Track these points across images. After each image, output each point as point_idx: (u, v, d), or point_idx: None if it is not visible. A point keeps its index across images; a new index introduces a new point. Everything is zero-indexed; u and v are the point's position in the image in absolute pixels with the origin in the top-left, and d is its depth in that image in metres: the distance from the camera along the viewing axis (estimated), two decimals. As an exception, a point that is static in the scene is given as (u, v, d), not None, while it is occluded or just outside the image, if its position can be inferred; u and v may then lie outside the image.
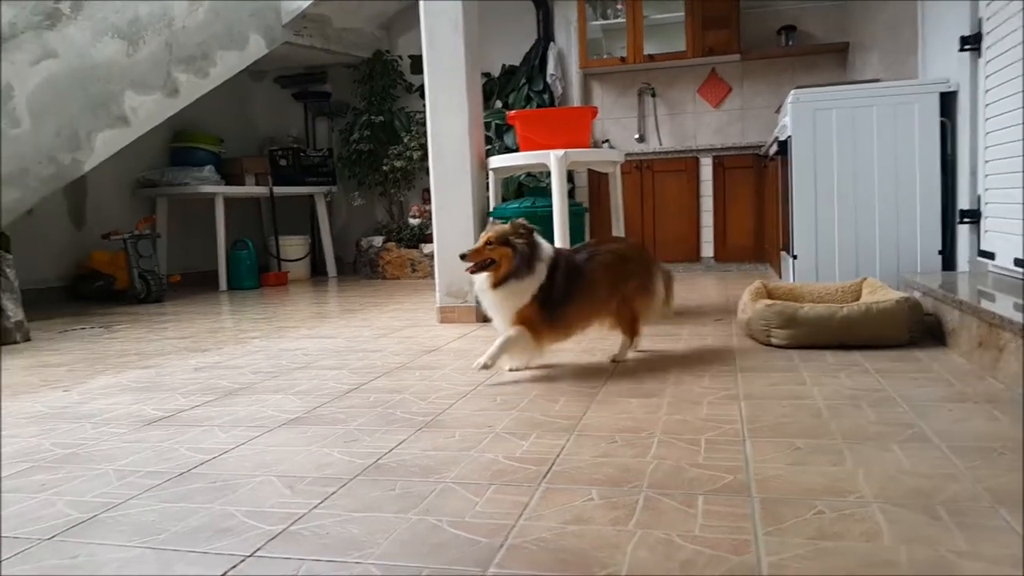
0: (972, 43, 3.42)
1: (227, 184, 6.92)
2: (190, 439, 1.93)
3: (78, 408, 2.35)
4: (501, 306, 2.55)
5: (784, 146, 4.28)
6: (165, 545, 1.27)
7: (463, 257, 2.51)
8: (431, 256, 6.96)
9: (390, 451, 1.75)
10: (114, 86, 5.30)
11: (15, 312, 3.91)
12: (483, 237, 2.56)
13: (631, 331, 2.79)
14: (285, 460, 1.72)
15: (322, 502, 1.44)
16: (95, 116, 5.20)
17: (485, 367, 2.47)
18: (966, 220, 3.58)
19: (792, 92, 4.03)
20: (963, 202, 3.62)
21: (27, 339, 3.94)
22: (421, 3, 3.95)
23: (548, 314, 2.53)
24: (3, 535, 1.36)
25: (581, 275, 2.62)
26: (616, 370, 2.60)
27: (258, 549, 1.24)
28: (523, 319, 2.52)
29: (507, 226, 2.56)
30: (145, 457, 1.79)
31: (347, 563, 1.18)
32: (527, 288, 2.51)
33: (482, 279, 2.56)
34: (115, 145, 5.36)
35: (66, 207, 6.06)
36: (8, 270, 3.96)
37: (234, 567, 1.18)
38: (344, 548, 1.23)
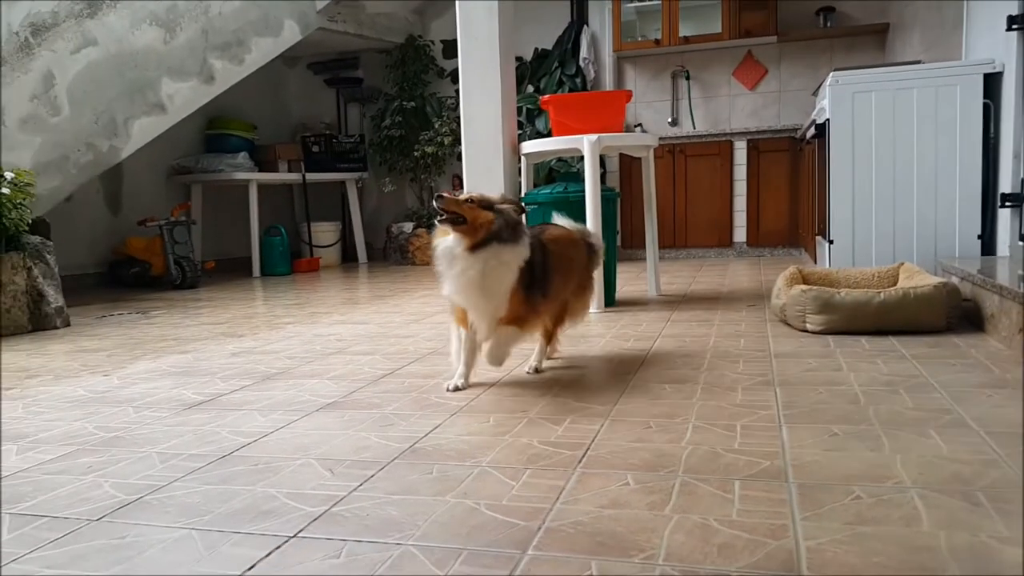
0: (1020, 22, 3.34)
1: (260, 171, 6.99)
2: (230, 423, 1.96)
3: (119, 392, 2.40)
4: (482, 282, 2.08)
5: (822, 129, 4.22)
6: (210, 526, 1.30)
7: (439, 198, 2.08)
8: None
9: (426, 435, 1.77)
10: (151, 73, 5.36)
11: (55, 298, 3.99)
12: (464, 195, 2.15)
13: (552, 335, 2.46)
14: (323, 443, 1.74)
15: (361, 485, 1.46)
16: (132, 103, 5.27)
17: (458, 388, 2.20)
18: (1008, 204, 3.52)
19: (831, 74, 3.98)
20: (1005, 185, 3.56)
21: (67, 324, 4.01)
22: (455, -13, 3.95)
23: (536, 299, 2.17)
24: (55, 515, 1.39)
25: (549, 258, 2.25)
26: (649, 356, 2.59)
27: (301, 530, 1.26)
28: (514, 311, 2.14)
29: (494, 195, 2.23)
30: (187, 440, 1.82)
31: (388, 544, 1.20)
32: (514, 259, 2.10)
33: (450, 242, 2.13)
34: (152, 132, 5.43)
35: (103, 194, 6.16)
36: (49, 256, 4.04)
37: (278, 547, 1.20)
38: (384, 529, 1.25)
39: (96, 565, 1.18)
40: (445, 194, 2.09)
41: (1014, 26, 3.38)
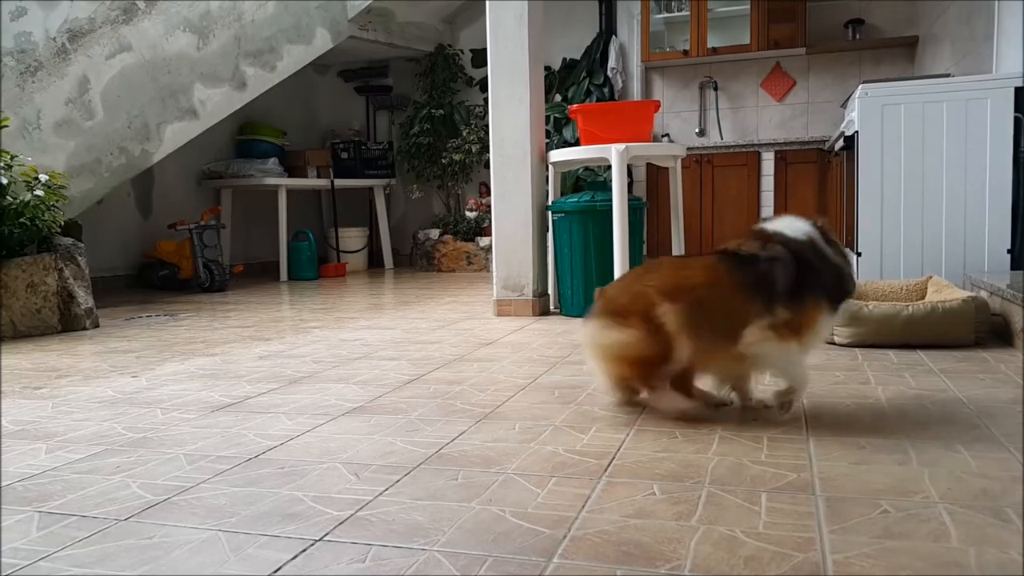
0: (1051, 36, 3.32)
1: (290, 176, 7.05)
2: (257, 425, 1.98)
3: (147, 394, 2.43)
4: None
5: (850, 141, 4.20)
6: (236, 528, 1.31)
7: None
8: (487, 249, 7.02)
9: (451, 441, 1.78)
10: (184, 79, 5.44)
11: (85, 299, 4.05)
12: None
13: None
14: (349, 448, 1.75)
15: (387, 489, 1.47)
16: (165, 108, 5.35)
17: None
18: (1039, 219, 3.47)
19: (860, 86, 3.95)
20: (1036, 200, 3.52)
21: (96, 325, 4.07)
22: (487, -5, 3.97)
23: None
24: (83, 514, 1.42)
25: None
26: (675, 366, 2.58)
27: (327, 533, 1.27)
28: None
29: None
30: (214, 442, 1.84)
31: (413, 549, 1.20)
32: None
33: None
34: (184, 137, 5.50)
35: (134, 197, 6.24)
36: (80, 258, 4.10)
37: (304, 550, 1.21)
38: (410, 534, 1.26)
39: (123, 565, 1.19)
40: None
41: (1048, 39, 3.35)
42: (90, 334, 3.85)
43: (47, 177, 3.91)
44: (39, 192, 3.81)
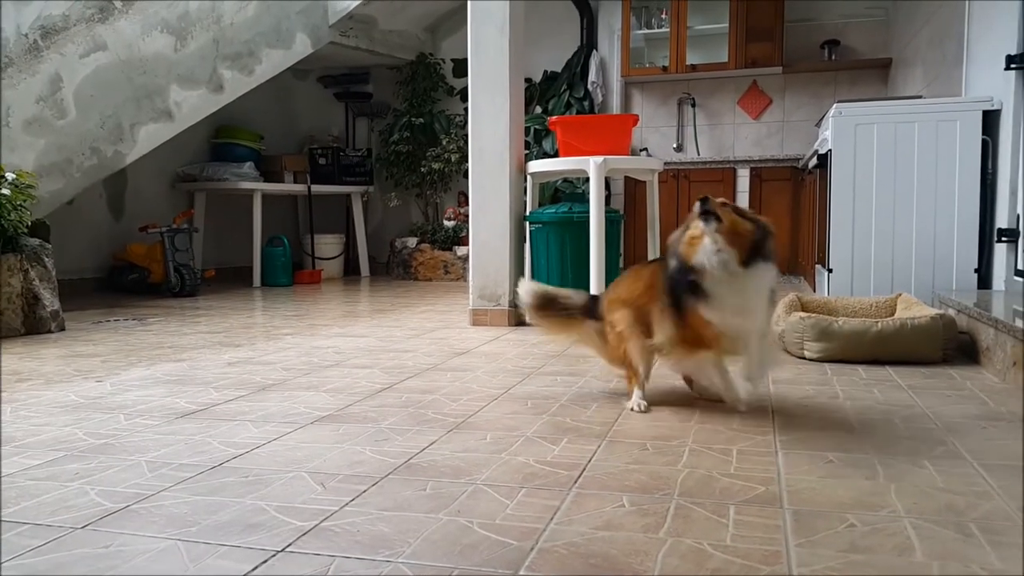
0: (1018, 62, 3.38)
1: (266, 181, 7.00)
2: (222, 433, 1.95)
3: (111, 399, 2.39)
4: (757, 296, 1.98)
5: (824, 159, 4.24)
6: (196, 538, 1.29)
7: (703, 201, 1.92)
8: (464, 259, 7.01)
9: (421, 451, 1.76)
10: (160, 80, 5.39)
11: (51, 301, 3.98)
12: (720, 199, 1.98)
13: None
14: (317, 457, 1.73)
15: (353, 500, 1.45)
16: (139, 109, 5.29)
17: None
18: (1004, 239, 3.53)
19: (834, 106, 4.00)
20: (1001, 221, 3.58)
21: (62, 329, 4.01)
22: (469, 5, 3.97)
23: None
24: (38, 522, 1.38)
25: None
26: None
27: (289, 544, 1.25)
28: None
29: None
30: (177, 450, 1.81)
31: (377, 561, 1.18)
32: (772, 278, 2.01)
33: (717, 256, 1.91)
34: (158, 138, 5.45)
35: (105, 198, 6.17)
36: (47, 259, 4.03)
37: (265, 561, 1.19)
38: (375, 546, 1.24)
39: (77, 574, 1.16)
40: (708, 198, 1.96)
41: (1012, 65, 3.41)
42: (55, 337, 3.79)
43: (14, 176, 3.85)
44: (5, 191, 3.74)
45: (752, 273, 1.93)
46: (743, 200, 6.43)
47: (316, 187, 7.31)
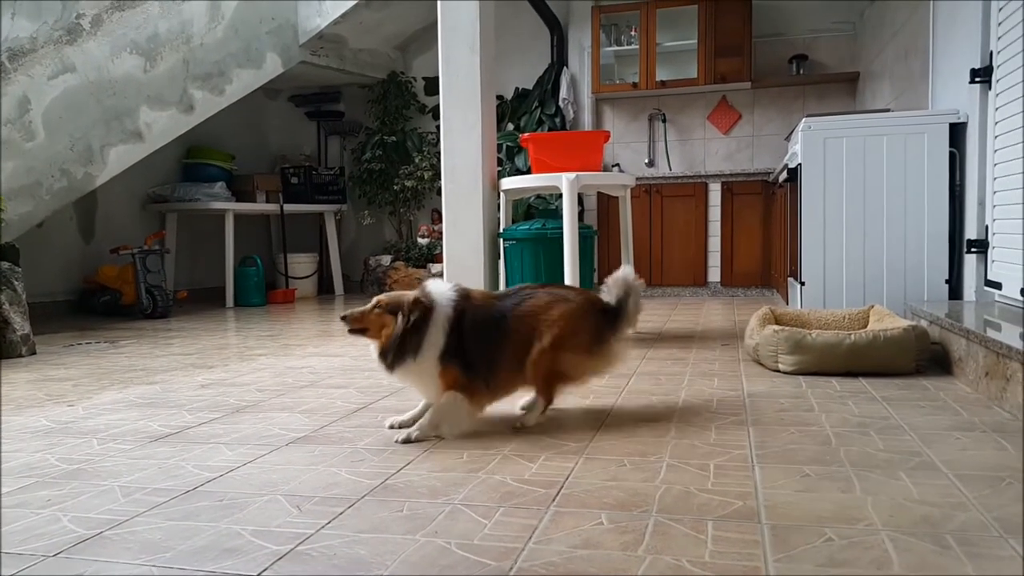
0: (982, 75, 3.44)
1: (238, 201, 6.95)
2: (196, 456, 1.93)
3: (83, 423, 2.35)
4: (416, 381, 2.11)
5: (794, 173, 4.29)
6: (171, 564, 1.27)
7: (343, 318, 2.10)
8: (439, 276, 6.99)
9: (398, 471, 1.75)
10: (130, 101, 5.35)
11: (22, 325, 3.92)
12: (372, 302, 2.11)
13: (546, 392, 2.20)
14: (292, 479, 1.71)
15: (330, 522, 1.44)
16: (109, 130, 5.25)
17: (409, 440, 2.02)
18: (973, 250, 3.58)
19: (803, 120, 4.05)
20: (971, 232, 3.63)
21: (32, 352, 3.95)
22: (439, 23, 3.98)
23: (475, 372, 2.07)
24: (6, 551, 1.35)
25: (502, 324, 2.13)
26: (624, 393, 2.59)
27: (265, 569, 1.24)
28: (450, 383, 2.05)
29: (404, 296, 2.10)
30: (151, 474, 1.78)
31: (355, 583, 1.17)
32: (426, 362, 2.03)
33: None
34: (128, 160, 5.40)
35: (76, 221, 6.09)
36: (16, 283, 3.98)
37: (242, 585, 1.18)
38: (352, 569, 1.23)
39: (53, 602, 1.14)
40: (347, 315, 2.10)
41: (976, 79, 3.47)
42: (26, 361, 3.73)
43: (-17, 199, 3.80)
44: (-26, 214, 3.69)
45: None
46: (715, 215, 6.49)
47: (289, 206, 7.27)
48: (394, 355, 2.03)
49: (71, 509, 1.55)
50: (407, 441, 2.01)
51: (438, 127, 6.84)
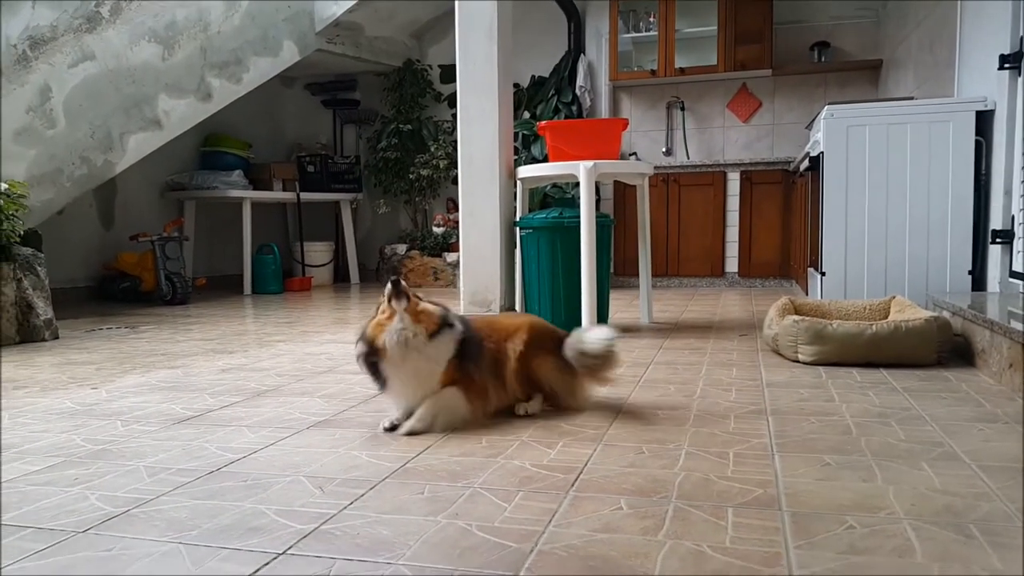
0: (1012, 62, 3.40)
1: (255, 189, 6.99)
2: (219, 438, 1.95)
3: (107, 405, 2.38)
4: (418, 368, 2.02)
5: (816, 162, 4.26)
6: (197, 541, 1.28)
7: (395, 282, 2.02)
8: (454, 265, 7.00)
9: (417, 455, 1.76)
10: (148, 89, 5.37)
11: (45, 310, 3.96)
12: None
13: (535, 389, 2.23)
14: (314, 461, 1.73)
15: (351, 503, 1.45)
16: (128, 118, 5.28)
17: (413, 432, 1.97)
18: (998, 240, 3.54)
19: (826, 108, 4.02)
20: (996, 222, 3.59)
21: (55, 337, 3.99)
22: (457, 10, 3.98)
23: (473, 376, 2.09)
24: (40, 526, 1.37)
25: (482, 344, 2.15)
26: (641, 382, 2.59)
27: (290, 547, 1.25)
28: (451, 378, 2.04)
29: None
30: (175, 455, 1.80)
31: (378, 563, 1.18)
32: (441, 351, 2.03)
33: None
34: (147, 147, 5.43)
35: (96, 208, 6.14)
36: (39, 268, 4.01)
37: (267, 564, 1.19)
38: (375, 549, 1.24)
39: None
40: (401, 282, 2.04)
41: (1006, 65, 3.43)
42: (49, 345, 3.77)
43: (7, 186, 3.83)
44: (-2, 200, 3.73)
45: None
46: (733, 204, 6.46)
47: (305, 195, 7.30)
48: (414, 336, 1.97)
49: (98, 488, 1.57)
50: (411, 433, 1.96)
51: (454, 115, 6.84)
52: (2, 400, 2.50)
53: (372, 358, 2.00)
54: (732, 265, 6.51)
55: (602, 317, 3.86)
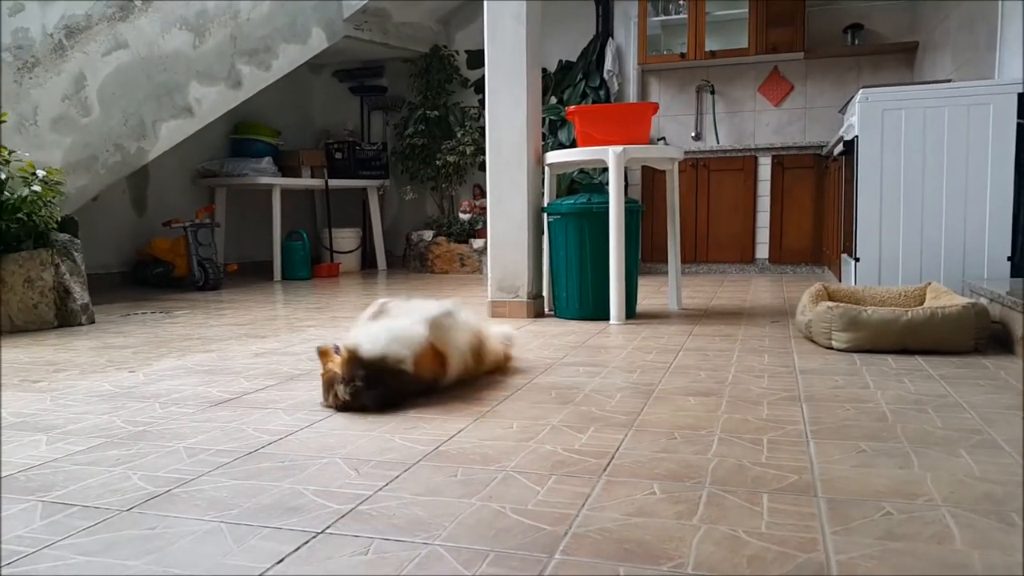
0: (1053, 42, 3.33)
1: (284, 176, 7.03)
2: (256, 420, 1.97)
3: (145, 388, 2.42)
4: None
5: (849, 146, 4.21)
6: (238, 520, 1.30)
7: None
8: (480, 251, 7.01)
9: (449, 439, 1.77)
10: (180, 77, 5.42)
11: (81, 295, 4.03)
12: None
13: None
14: (348, 444, 1.74)
15: (387, 485, 1.47)
16: (161, 106, 5.33)
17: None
18: (1038, 226, 3.49)
19: (861, 91, 3.97)
20: (1035, 207, 3.54)
21: (92, 321, 4.05)
22: (486, -6, 3.97)
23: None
24: (86, 504, 1.40)
25: None
26: (672, 368, 2.58)
27: (329, 526, 1.27)
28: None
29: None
30: (214, 436, 1.83)
31: (415, 543, 1.20)
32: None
33: None
34: (179, 135, 5.49)
35: (129, 195, 6.22)
36: (76, 254, 4.08)
37: (306, 543, 1.21)
38: (411, 529, 1.25)
39: (128, 554, 1.18)
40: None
41: (1048, 46, 3.36)
42: (86, 330, 3.83)
43: (44, 173, 3.89)
44: (36, 188, 3.79)
45: None
46: (764, 189, 6.40)
47: (333, 181, 7.33)
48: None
49: (140, 468, 1.60)
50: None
51: (480, 101, 6.84)
52: (41, 383, 2.55)
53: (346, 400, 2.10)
54: (763, 251, 6.46)
55: (630, 302, 3.86)
